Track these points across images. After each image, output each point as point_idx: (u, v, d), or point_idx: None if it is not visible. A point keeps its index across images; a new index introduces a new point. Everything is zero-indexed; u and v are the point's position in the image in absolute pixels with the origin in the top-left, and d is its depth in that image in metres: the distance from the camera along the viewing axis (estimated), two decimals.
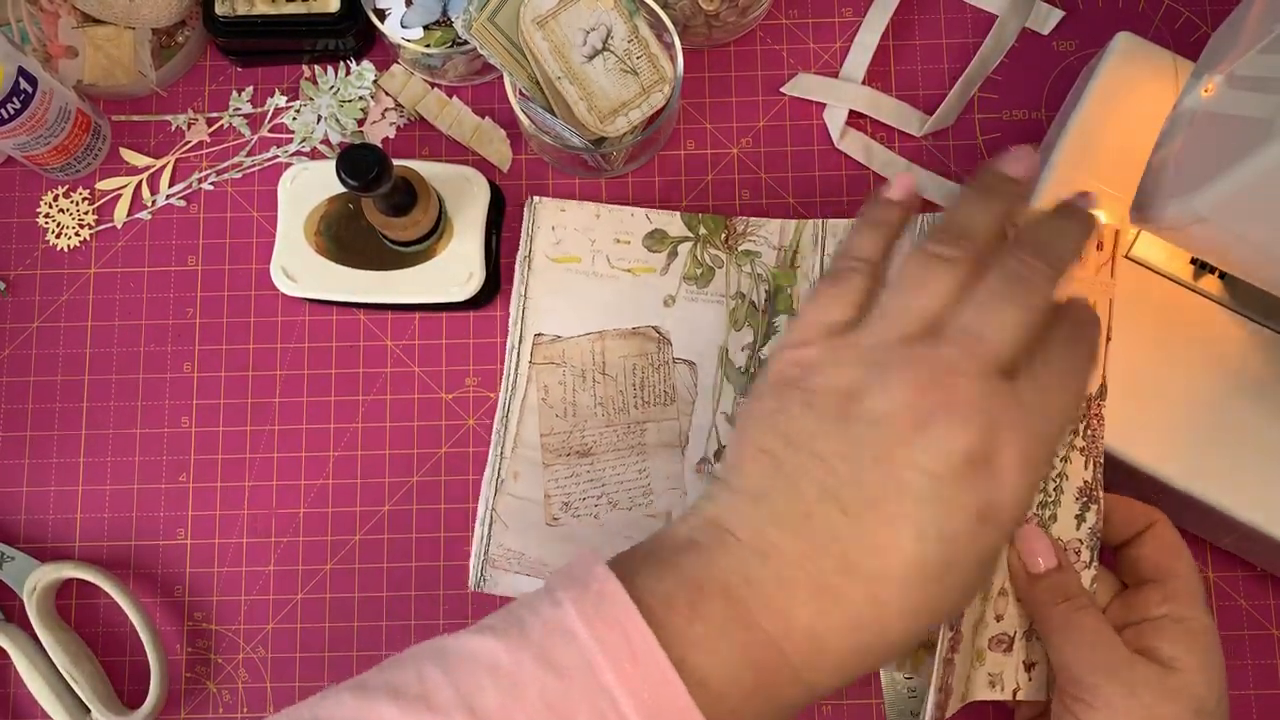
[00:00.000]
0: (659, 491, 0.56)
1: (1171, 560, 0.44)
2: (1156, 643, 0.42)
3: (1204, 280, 0.51)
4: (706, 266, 0.58)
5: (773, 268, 0.58)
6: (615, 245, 0.58)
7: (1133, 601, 0.44)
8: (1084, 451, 0.46)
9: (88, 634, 0.59)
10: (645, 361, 0.57)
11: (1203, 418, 0.49)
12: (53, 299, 0.62)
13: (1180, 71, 0.53)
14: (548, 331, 0.58)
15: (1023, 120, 0.62)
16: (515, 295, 0.58)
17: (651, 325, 0.58)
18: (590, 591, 0.34)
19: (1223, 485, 0.49)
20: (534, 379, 0.57)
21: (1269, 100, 0.38)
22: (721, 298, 0.58)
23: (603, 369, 0.57)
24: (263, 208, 0.62)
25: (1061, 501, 0.45)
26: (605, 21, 0.55)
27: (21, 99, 0.56)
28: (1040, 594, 0.43)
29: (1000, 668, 0.44)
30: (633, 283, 0.58)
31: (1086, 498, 0.46)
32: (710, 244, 0.58)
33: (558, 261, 0.58)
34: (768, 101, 0.63)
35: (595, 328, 0.58)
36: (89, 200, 0.63)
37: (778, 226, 0.58)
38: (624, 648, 0.33)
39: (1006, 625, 0.44)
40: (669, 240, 0.58)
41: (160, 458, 0.60)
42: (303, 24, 0.61)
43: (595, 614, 0.33)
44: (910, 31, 0.63)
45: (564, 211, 0.59)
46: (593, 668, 0.33)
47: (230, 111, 0.63)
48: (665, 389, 0.57)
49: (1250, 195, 0.38)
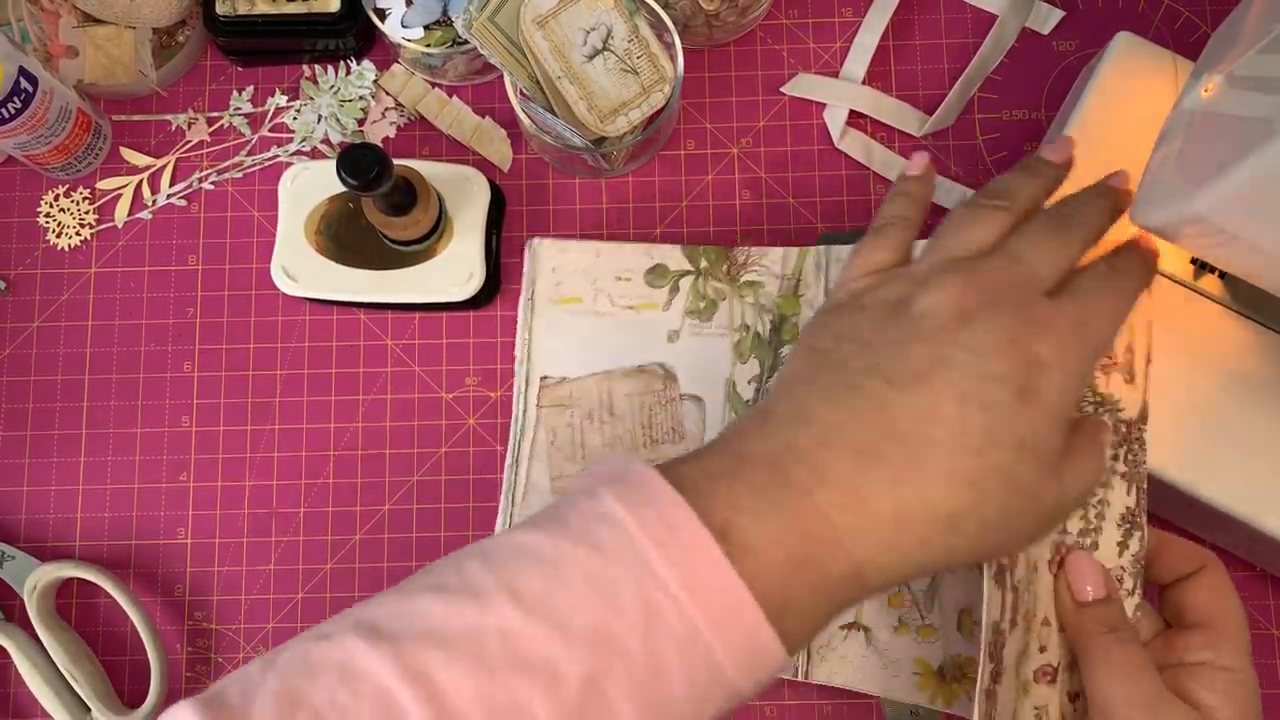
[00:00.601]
0: None
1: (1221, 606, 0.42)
2: (1194, 688, 0.41)
3: (1204, 280, 0.51)
4: (709, 300, 0.57)
5: (776, 297, 0.57)
6: (617, 283, 0.57)
7: (1175, 643, 0.43)
8: (1125, 477, 0.44)
9: (88, 633, 0.59)
10: (652, 399, 0.56)
11: (1203, 418, 0.49)
12: (53, 298, 0.62)
13: (1180, 71, 0.53)
14: (553, 374, 0.57)
15: (1023, 120, 0.62)
16: (520, 340, 0.57)
17: (657, 362, 0.57)
18: (628, 482, 0.35)
19: (1223, 485, 0.49)
20: (542, 422, 0.56)
21: (1269, 100, 0.38)
22: (726, 330, 0.57)
23: (610, 409, 0.56)
24: (263, 207, 0.62)
25: (1103, 529, 0.44)
26: (605, 21, 0.55)
27: (22, 99, 0.56)
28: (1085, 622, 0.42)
29: (1045, 700, 0.42)
30: (636, 320, 0.57)
31: (1129, 524, 0.44)
32: (712, 276, 0.57)
33: (560, 303, 0.57)
34: (768, 101, 0.63)
35: (601, 368, 0.57)
36: (89, 200, 0.63)
37: (780, 255, 0.57)
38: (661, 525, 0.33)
39: (1050, 656, 0.43)
40: (670, 275, 0.57)
41: (160, 457, 0.60)
42: (303, 24, 0.61)
43: (634, 499, 0.34)
44: (910, 31, 0.63)
45: (564, 253, 0.58)
46: (633, 544, 0.33)
47: (230, 111, 0.63)
48: (673, 426, 0.56)
49: (1250, 195, 0.38)
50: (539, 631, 0.32)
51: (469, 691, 0.32)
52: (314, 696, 0.32)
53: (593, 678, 0.32)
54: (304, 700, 0.32)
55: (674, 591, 0.33)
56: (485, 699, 0.32)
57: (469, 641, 0.32)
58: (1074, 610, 0.43)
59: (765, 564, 0.34)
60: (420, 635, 0.33)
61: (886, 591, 0.40)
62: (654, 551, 0.33)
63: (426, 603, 0.34)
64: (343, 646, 0.33)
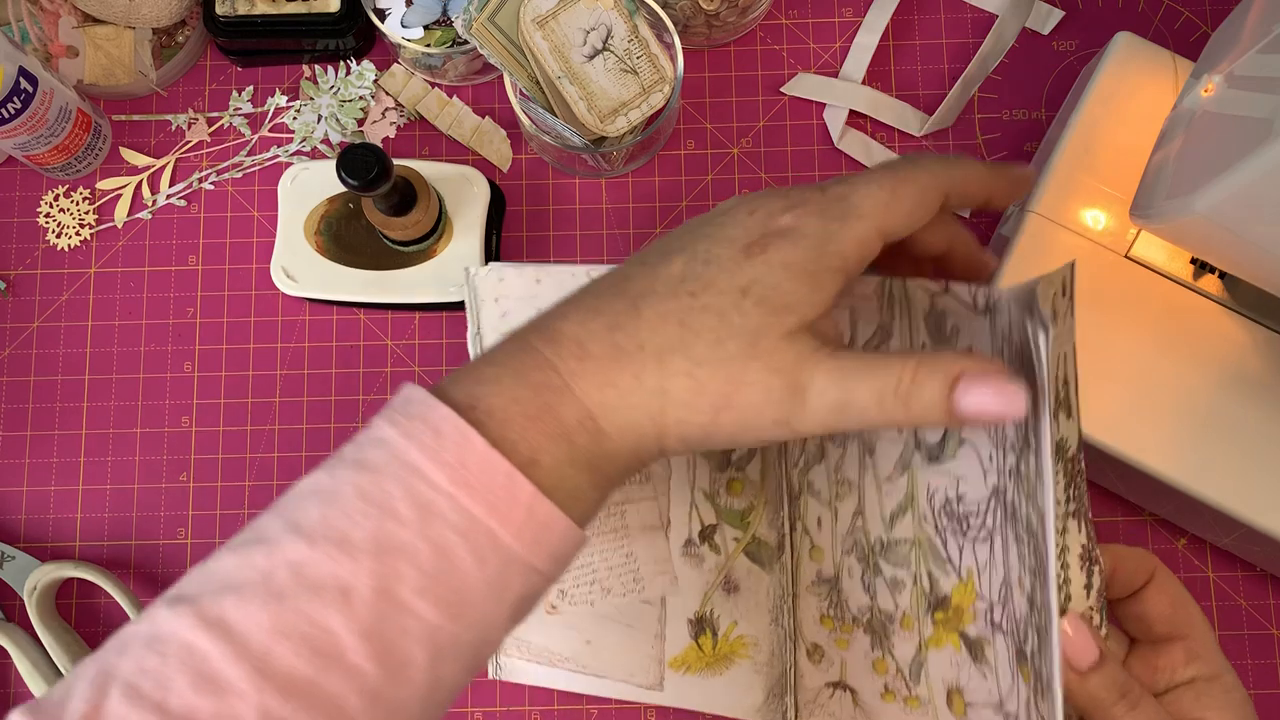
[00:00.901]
0: (648, 576, 0.54)
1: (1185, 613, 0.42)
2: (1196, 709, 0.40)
3: (1204, 280, 0.51)
4: None
5: None
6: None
7: (1158, 663, 0.42)
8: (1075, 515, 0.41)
9: (88, 634, 0.59)
10: None
11: (1203, 417, 0.49)
12: (53, 299, 0.62)
13: (1180, 71, 0.53)
14: None
15: (1023, 120, 0.62)
16: None
17: None
18: (396, 402, 0.36)
19: (1223, 485, 0.49)
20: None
21: (1269, 100, 0.38)
22: None
23: None
24: (263, 207, 0.62)
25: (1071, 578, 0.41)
26: (605, 21, 0.55)
27: (22, 99, 0.56)
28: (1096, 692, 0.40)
29: None
30: None
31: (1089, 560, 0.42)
32: None
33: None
34: (768, 101, 0.63)
35: None
36: (89, 200, 0.63)
37: None
38: (426, 430, 0.34)
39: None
40: None
41: (161, 457, 0.60)
42: (303, 24, 0.61)
43: (402, 416, 0.35)
44: (910, 31, 0.63)
45: (502, 281, 0.53)
46: (399, 455, 0.34)
47: (230, 111, 0.63)
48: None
49: (1250, 195, 0.38)
50: (321, 555, 0.33)
51: (265, 624, 0.33)
52: (122, 669, 0.33)
53: (382, 584, 0.33)
54: (114, 676, 0.33)
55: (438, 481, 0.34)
56: (281, 627, 0.33)
57: (260, 582, 0.33)
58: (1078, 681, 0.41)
59: (505, 420, 0.35)
60: (217, 590, 0.34)
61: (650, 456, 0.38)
62: (415, 452, 0.34)
63: (223, 561, 0.35)
64: (150, 619, 0.34)
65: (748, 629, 0.52)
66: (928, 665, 0.49)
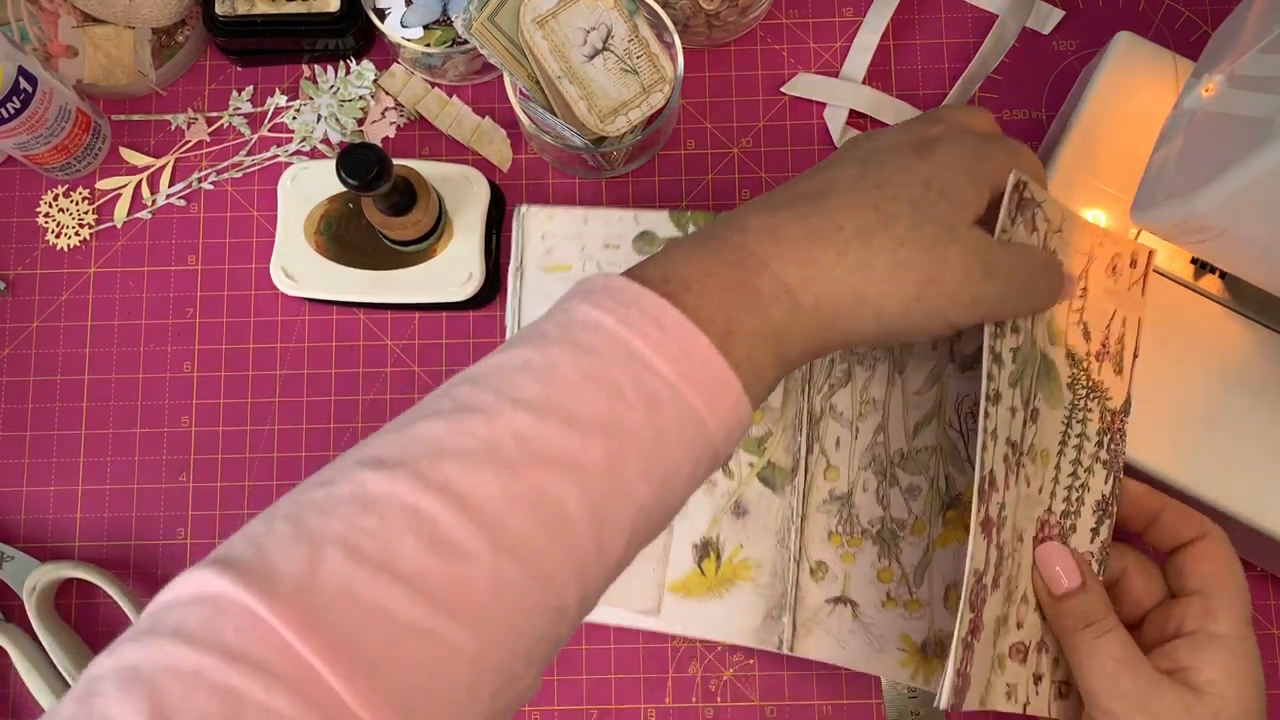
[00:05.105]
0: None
1: (1219, 573, 0.43)
2: (1192, 662, 0.41)
3: (1204, 280, 0.51)
4: None
5: None
6: (605, 251, 0.56)
7: (1172, 613, 0.43)
8: (1106, 465, 0.45)
9: (88, 634, 0.59)
10: None
11: (1203, 417, 0.49)
12: (53, 298, 0.62)
13: (1180, 71, 0.53)
14: None
15: (1023, 120, 0.62)
16: (510, 310, 0.56)
17: None
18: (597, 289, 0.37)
19: (1223, 485, 0.49)
20: None
21: (1269, 100, 0.38)
22: None
23: None
24: (263, 207, 0.62)
25: (1081, 513, 0.45)
26: (605, 21, 0.55)
27: (21, 98, 0.56)
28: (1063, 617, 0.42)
29: (1016, 678, 0.43)
30: None
31: (1103, 511, 0.45)
32: None
33: (550, 271, 0.56)
34: (768, 101, 0.63)
35: None
36: (89, 200, 0.63)
37: None
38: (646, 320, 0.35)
39: (1025, 634, 0.43)
40: (659, 242, 0.56)
41: (160, 457, 0.60)
42: (303, 23, 0.61)
43: (614, 303, 0.36)
44: (910, 31, 0.63)
45: (552, 219, 0.56)
46: (621, 343, 0.35)
47: (230, 111, 0.63)
48: None
49: (1250, 195, 0.38)
50: (552, 429, 0.34)
51: (496, 491, 0.32)
52: (333, 529, 0.32)
53: (611, 465, 0.34)
54: (325, 536, 0.32)
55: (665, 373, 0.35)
56: (513, 496, 0.33)
57: (484, 450, 0.33)
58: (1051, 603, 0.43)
59: (702, 291, 0.36)
60: (432, 455, 0.33)
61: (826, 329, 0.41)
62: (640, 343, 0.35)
63: (429, 428, 0.34)
64: (351, 481, 0.33)
65: (752, 551, 0.53)
66: (932, 566, 0.52)
